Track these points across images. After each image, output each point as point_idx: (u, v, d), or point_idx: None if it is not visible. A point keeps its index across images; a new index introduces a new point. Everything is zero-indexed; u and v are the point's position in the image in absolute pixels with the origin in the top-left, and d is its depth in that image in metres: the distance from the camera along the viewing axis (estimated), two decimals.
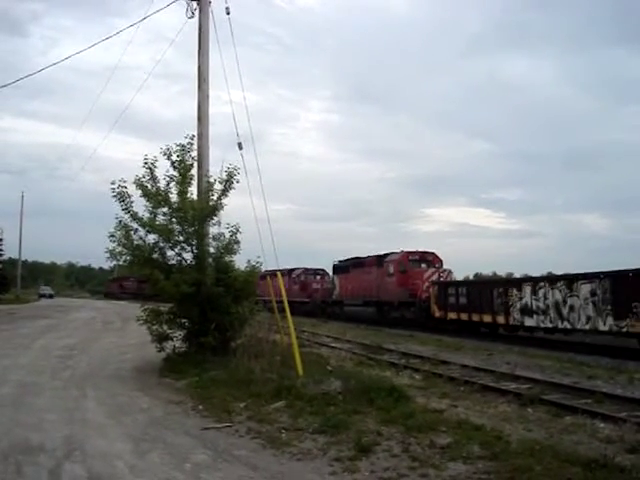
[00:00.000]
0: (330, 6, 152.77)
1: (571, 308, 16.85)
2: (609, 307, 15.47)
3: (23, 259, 69.69)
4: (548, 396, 9.27)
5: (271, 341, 11.79)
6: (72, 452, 5.98)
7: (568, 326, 17.16)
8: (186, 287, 11.15)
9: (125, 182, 11.90)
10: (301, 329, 19.67)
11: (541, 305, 18.15)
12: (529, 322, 18.75)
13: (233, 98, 13.79)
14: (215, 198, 12.19)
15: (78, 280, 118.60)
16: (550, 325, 17.84)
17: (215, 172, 12.54)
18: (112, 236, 11.77)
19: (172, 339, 12.09)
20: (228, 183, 12.18)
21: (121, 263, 12.82)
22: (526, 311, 18.80)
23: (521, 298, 19.07)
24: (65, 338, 18.44)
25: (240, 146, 13.01)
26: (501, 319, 20.02)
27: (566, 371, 12.28)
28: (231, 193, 12.26)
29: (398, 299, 26.35)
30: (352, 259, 32.41)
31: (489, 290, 21.03)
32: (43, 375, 11.07)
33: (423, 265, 27.05)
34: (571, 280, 17.33)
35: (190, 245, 12.08)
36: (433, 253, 27.88)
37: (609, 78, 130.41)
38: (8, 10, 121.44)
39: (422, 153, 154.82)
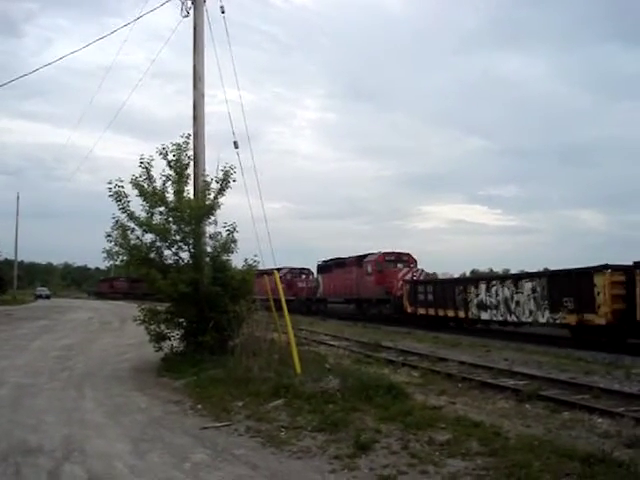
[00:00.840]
0: (325, 4, 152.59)
1: (517, 303, 19.37)
2: (546, 302, 17.95)
3: (19, 260, 69.45)
4: (546, 392, 9.31)
5: (269, 340, 11.77)
6: (71, 453, 5.97)
7: (515, 319, 19.65)
8: (183, 286, 11.14)
9: (122, 182, 11.89)
10: (299, 327, 19.65)
11: (494, 301, 20.58)
12: (484, 316, 21.23)
13: (229, 97, 13.77)
14: (212, 197, 12.18)
15: (75, 280, 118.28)
16: (501, 318, 20.37)
17: (212, 171, 12.56)
18: (109, 236, 11.77)
19: (170, 339, 12.09)
20: (224, 182, 12.17)
21: (118, 263, 12.80)
22: (482, 306, 21.24)
23: (478, 295, 21.54)
24: (63, 339, 18.42)
25: (236, 145, 13.03)
26: (462, 314, 22.38)
27: (563, 367, 12.32)
28: (228, 192, 12.27)
29: (376, 296, 28.48)
30: (334, 259, 34.51)
31: (451, 288, 23.39)
32: (41, 376, 11.04)
33: (399, 265, 29.11)
34: (517, 279, 20.02)
35: (187, 244, 12.06)
36: (408, 254, 30.00)
37: (602, 74, 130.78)
38: (2, 10, 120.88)
39: (418, 150, 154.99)
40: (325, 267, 35.47)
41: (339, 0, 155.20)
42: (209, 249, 12.28)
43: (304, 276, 39.20)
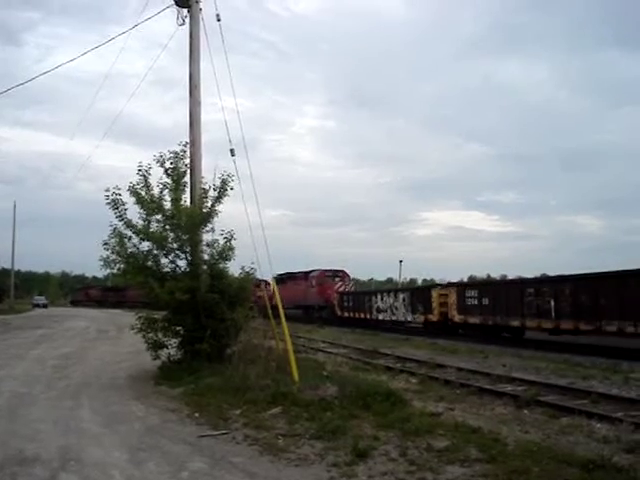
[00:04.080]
0: (325, 11, 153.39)
1: (396, 308, 28.04)
2: (410, 307, 26.87)
3: (17, 269, 69.29)
4: (544, 397, 9.31)
5: (266, 347, 11.75)
6: (68, 462, 5.93)
7: (396, 319, 28.26)
8: (181, 294, 11.10)
9: (119, 189, 11.88)
10: (297, 335, 19.65)
11: (385, 306, 29.14)
12: (380, 317, 29.76)
13: (228, 105, 13.78)
14: (209, 205, 12.17)
15: (72, 289, 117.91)
16: (389, 318, 28.93)
17: (210, 179, 12.54)
18: (106, 244, 11.72)
19: (167, 347, 12.04)
20: (222, 190, 12.16)
21: (115, 271, 12.74)
22: (379, 310, 29.78)
23: (376, 302, 30.10)
24: (60, 347, 18.34)
25: (232, 152, 12.95)
26: (368, 315, 30.87)
27: (561, 372, 12.32)
28: (226, 200, 12.24)
29: (317, 303, 36.38)
30: (287, 273, 41.52)
31: (362, 297, 32.33)
32: (38, 385, 10.99)
33: (336, 279, 36.80)
34: (396, 292, 29.47)
35: (184, 252, 12.04)
36: (343, 270, 38.32)
37: (602, 80, 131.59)
38: (3, 19, 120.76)
39: (417, 157, 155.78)
40: (280, 279, 42.53)
41: (339, 7, 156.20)
42: (206, 257, 12.25)
43: (263, 285, 42.19)
